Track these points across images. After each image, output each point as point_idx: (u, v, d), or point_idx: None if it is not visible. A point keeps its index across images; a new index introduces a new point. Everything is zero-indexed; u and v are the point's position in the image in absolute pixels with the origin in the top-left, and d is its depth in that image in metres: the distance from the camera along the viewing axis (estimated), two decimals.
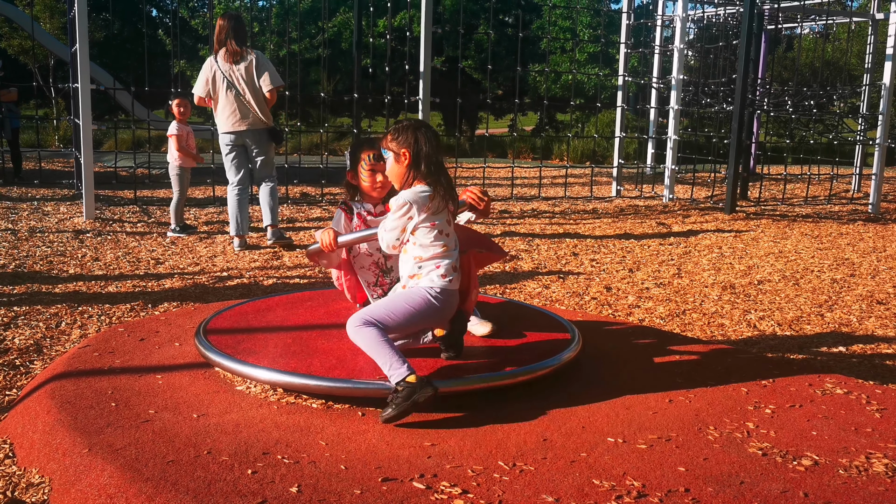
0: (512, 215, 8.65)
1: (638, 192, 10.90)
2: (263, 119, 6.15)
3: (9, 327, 3.89)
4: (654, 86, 11.26)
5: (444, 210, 2.85)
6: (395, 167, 2.89)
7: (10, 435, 2.61)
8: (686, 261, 6.22)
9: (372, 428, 2.51)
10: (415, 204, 2.79)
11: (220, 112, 6.15)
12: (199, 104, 6.28)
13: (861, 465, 2.32)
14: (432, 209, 2.81)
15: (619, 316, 4.50)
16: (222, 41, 6.12)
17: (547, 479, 2.18)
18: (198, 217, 7.84)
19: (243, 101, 6.09)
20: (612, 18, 16.60)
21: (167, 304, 4.46)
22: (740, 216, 8.85)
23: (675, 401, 2.80)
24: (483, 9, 20.46)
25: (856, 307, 4.84)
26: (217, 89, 6.12)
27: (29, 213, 7.72)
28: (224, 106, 6.11)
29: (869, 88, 11.05)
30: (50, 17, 20.43)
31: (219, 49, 6.15)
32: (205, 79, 6.14)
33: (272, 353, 2.97)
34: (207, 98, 6.19)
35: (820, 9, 11.64)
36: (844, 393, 2.94)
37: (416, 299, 2.78)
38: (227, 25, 6.11)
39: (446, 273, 2.81)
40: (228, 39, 6.08)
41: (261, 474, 2.16)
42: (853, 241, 7.40)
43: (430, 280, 2.80)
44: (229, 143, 6.18)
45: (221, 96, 6.11)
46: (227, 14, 6.31)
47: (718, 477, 2.21)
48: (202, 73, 6.18)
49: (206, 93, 6.16)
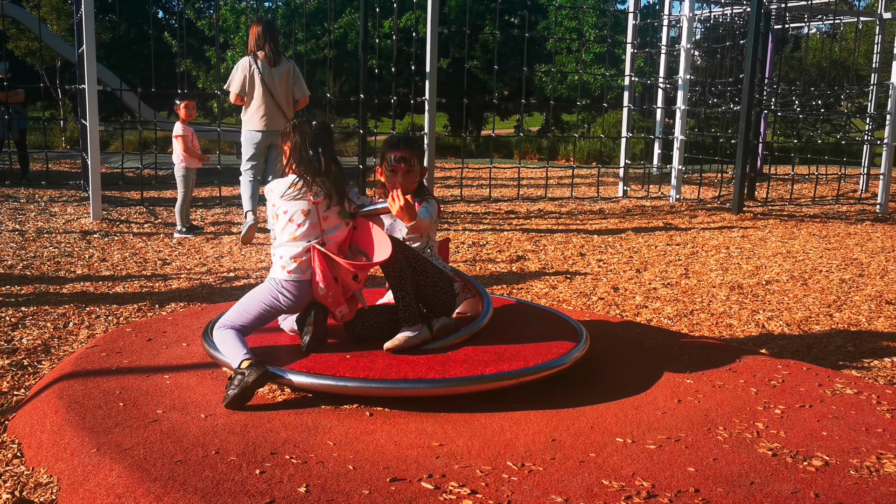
0: (518, 216, 8.64)
1: (645, 193, 10.88)
2: None
3: (17, 327, 3.90)
4: (661, 86, 11.23)
5: (302, 200, 2.96)
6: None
7: (18, 434, 2.61)
8: (693, 261, 6.20)
9: (380, 428, 2.50)
10: (271, 191, 3.02)
11: (253, 111, 6.38)
12: (237, 102, 6.45)
13: (872, 465, 2.31)
14: (287, 196, 2.96)
15: (627, 316, 4.48)
16: (260, 45, 6.37)
17: (556, 480, 2.17)
18: (204, 218, 7.85)
19: (276, 104, 6.35)
20: (619, 18, 16.57)
21: (174, 304, 4.47)
22: (748, 216, 8.82)
23: (683, 401, 2.79)
24: (489, 9, 20.45)
25: (865, 307, 4.81)
26: (253, 89, 6.33)
27: (36, 213, 7.75)
28: (258, 106, 6.35)
29: (876, 88, 11.01)
30: (57, 18, 20.51)
31: (255, 51, 6.37)
32: (242, 77, 6.36)
33: (279, 353, 2.96)
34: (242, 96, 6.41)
35: (827, 8, 11.60)
36: (854, 393, 2.92)
37: (263, 294, 2.97)
38: (264, 31, 6.37)
39: (285, 265, 2.96)
40: (266, 44, 6.35)
41: (269, 474, 2.15)
42: (861, 242, 7.36)
43: (275, 271, 2.99)
44: (256, 140, 6.43)
45: (256, 96, 6.34)
46: (262, 20, 6.60)
47: (728, 477, 2.20)
48: (238, 71, 6.40)
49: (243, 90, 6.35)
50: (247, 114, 6.41)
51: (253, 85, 6.32)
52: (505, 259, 6.09)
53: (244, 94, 6.35)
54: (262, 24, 6.45)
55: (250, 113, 6.38)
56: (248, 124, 6.42)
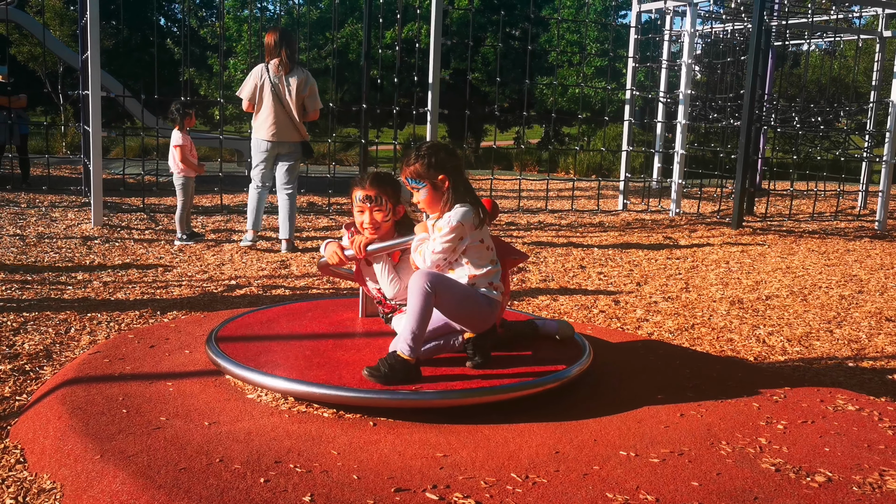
0: (519, 227, 8.66)
1: (644, 206, 10.91)
2: (300, 133, 6.36)
3: (18, 332, 3.90)
4: (662, 100, 11.28)
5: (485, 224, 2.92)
6: (433, 195, 2.90)
7: (21, 440, 2.61)
8: (694, 275, 6.21)
9: (384, 438, 2.50)
10: (465, 224, 2.83)
11: (262, 120, 6.32)
12: (248, 110, 6.42)
13: (875, 481, 2.31)
14: (478, 227, 2.87)
15: (628, 329, 4.49)
16: (275, 53, 6.30)
17: (560, 492, 2.17)
18: (205, 225, 7.86)
19: (286, 113, 6.27)
20: (620, 33, 16.67)
21: (176, 311, 4.47)
22: (747, 231, 8.85)
23: (686, 415, 2.79)
24: (490, 22, 20.55)
25: (865, 324, 4.83)
26: (263, 97, 6.27)
27: (37, 218, 7.75)
28: (267, 115, 6.29)
29: (876, 105, 11.06)
30: (60, 24, 20.54)
31: (269, 59, 6.27)
32: (253, 85, 6.30)
33: (283, 361, 2.97)
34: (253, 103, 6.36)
35: (827, 26, 11.67)
36: (856, 409, 2.93)
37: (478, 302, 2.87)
38: (280, 39, 6.30)
39: (499, 286, 2.92)
40: (282, 51, 6.27)
41: (273, 483, 2.15)
42: (860, 258, 7.38)
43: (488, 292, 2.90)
44: (265, 150, 6.38)
45: (266, 104, 6.28)
46: (278, 28, 6.55)
47: (732, 492, 2.20)
48: (251, 79, 6.34)
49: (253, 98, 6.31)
50: (256, 122, 6.39)
51: (262, 93, 6.27)
52: None
53: (254, 101, 6.33)
54: (278, 32, 6.39)
55: (259, 121, 6.35)
56: (257, 132, 6.39)
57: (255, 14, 18.47)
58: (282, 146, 6.34)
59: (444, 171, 2.87)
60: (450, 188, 2.87)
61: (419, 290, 2.71)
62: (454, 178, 2.88)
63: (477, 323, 2.89)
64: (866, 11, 11.66)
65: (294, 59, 6.39)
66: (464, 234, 2.84)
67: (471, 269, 2.88)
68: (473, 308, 2.85)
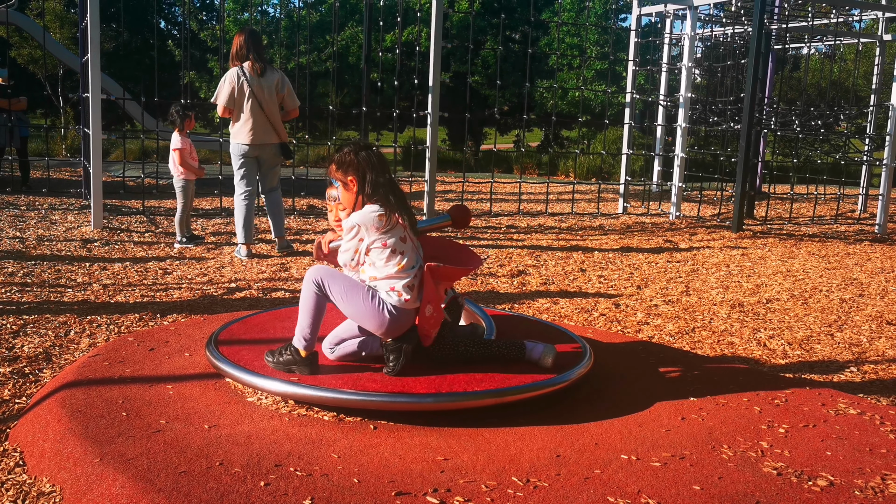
0: (519, 230, 8.65)
1: (644, 209, 10.90)
2: (279, 135, 6.28)
3: (18, 335, 3.89)
4: (662, 103, 11.28)
5: (398, 227, 2.88)
6: (345, 195, 2.95)
7: (20, 443, 2.60)
8: (694, 278, 6.20)
9: (384, 441, 2.50)
10: (363, 225, 2.84)
11: (241, 124, 6.21)
12: (224, 115, 6.31)
13: (877, 486, 2.31)
14: (383, 229, 2.84)
15: (629, 333, 4.48)
16: (244, 56, 6.18)
17: (561, 496, 2.16)
18: (205, 228, 7.85)
19: (264, 115, 6.18)
20: (620, 36, 16.67)
21: (175, 314, 4.46)
22: (747, 234, 8.84)
23: (687, 419, 2.79)
24: (491, 25, 20.56)
25: (865, 327, 4.82)
26: (242, 101, 6.18)
27: (37, 221, 7.74)
28: (245, 119, 6.18)
29: (876, 109, 11.07)
30: (60, 27, 20.55)
31: (240, 63, 6.20)
32: (230, 89, 6.17)
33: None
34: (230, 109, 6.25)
35: (827, 29, 11.68)
36: (858, 413, 2.92)
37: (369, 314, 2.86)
38: (247, 41, 6.18)
39: (401, 292, 2.85)
40: (250, 54, 6.16)
41: (273, 486, 2.15)
42: (861, 262, 7.38)
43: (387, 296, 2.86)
44: (244, 154, 6.25)
45: (245, 109, 6.17)
46: (245, 29, 6.41)
47: (734, 496, 2.19)
48: (226, 83, 6.20)
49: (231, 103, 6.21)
50: (234, 126, 6.26)
51: (242, 97, 6.15)
52: (506, 273, 6.09)
53: (232, 106, 6.19)
54: (244, 33, 6.27)
55: (238, 125, 6.23)
56: (236, 137, 6.25)
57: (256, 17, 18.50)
58: (262, 149, 6.24)
59: (356, 172, 2.89)
60: (358, 190, 2.89)
61: (305, 284, 2.84)
62: (367, 179, 2.87)
63: (374, 324, 2.85)
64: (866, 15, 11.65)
65: (264, 58, 6.26)
66: (362, 235, 2.85)
67: (371, 271, 2.89)
68: (361, 306, 2.82)
